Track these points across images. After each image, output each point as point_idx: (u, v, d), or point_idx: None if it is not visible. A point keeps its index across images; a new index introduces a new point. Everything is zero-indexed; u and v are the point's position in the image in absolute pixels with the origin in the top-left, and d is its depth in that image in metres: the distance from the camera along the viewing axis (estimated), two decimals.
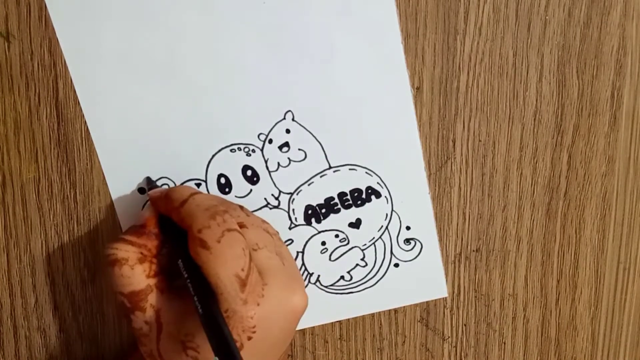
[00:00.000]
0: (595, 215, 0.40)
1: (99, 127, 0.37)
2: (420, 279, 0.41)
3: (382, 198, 0.39)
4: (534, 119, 0.38)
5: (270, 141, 0.38)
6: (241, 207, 0.35)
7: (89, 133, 0.37)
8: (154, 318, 0.32)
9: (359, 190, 0.39)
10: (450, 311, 0.41)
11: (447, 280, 0.40)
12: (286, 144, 0.38)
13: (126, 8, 0.36)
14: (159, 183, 0.38)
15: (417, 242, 0.40)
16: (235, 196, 0.38)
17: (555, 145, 0.39)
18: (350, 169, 0.39)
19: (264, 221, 0.36)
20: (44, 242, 0.38)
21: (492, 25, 0.37)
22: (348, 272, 0.40)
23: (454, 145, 0.38)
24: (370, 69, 0.37)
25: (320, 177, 0.39)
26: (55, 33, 0.36)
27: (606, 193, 0.40)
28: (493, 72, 0.37)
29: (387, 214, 0.40)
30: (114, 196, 0.38)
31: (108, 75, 0.36)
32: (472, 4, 0.36)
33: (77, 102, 0.37)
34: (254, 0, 0.36)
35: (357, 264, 0.40)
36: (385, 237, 0.40)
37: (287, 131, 0.38)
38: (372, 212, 0.40)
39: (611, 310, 0.42)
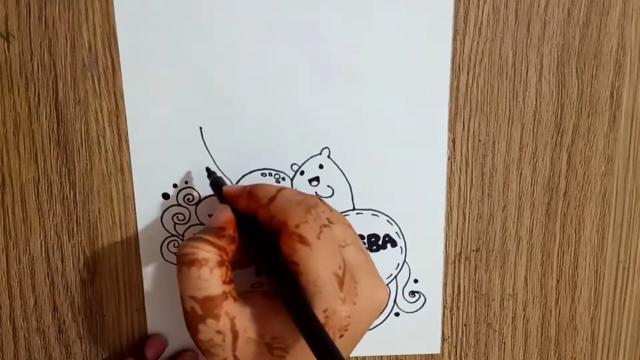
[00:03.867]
0: (595, 215, 0.40)
1: (137, 129, 0.37)
2: (417, 331, 0.41)
3: (397, 248, 0.40)
4: (534, 119, 0.38)
5: (302, 173, 0.38)
6: (322, 201, 0.34)
7: (89, 133, 0.37)
8: (228, 326, 0.30)
9: (376, 236, 0.39)
10: (450, 311, 0.41)
11: (447, 280, 0.40)
12: (316, 179, 0.38)
13: (187, 19, 0.36)
14: (183, 192, 0.38)
15: (422, 295, 0.40)
16: None
17: (555, 145, 0.39)
18: (372, 214, 0.39)
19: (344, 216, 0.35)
20: (43, 242, 0.38)
21: (491, 25, 0.37)
22: None
23: (454, 145, 0.38)
24: (412, 124, 0.38)
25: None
26: (55, 33, 0.36)
27: (605, 193, 0.40)
28: (493, 72, 0.37)
29: (398, 264, 0.40)
30: (137, 199, 0.38)
31: (156, 79, 0.36)
32: (472, 4, 0.36)
33: (77, 102, 0.37)
34: (315, 33, 0.36)
35: None
36: (392, 285, 0.40)
37: (320, 166, 0.38)
38: (385, 259, 0.40)
39: (611, 310, 0.42)
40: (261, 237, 0.31)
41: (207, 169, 0.37)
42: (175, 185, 0.38)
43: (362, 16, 0.36)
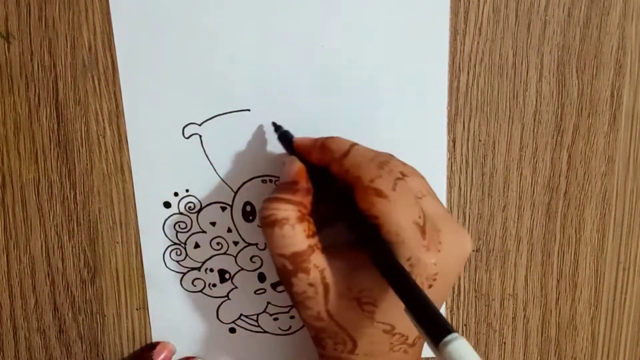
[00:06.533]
0: (595, 215, 0.40)
1: (136, 135, 0.37)
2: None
3: None
4: (534, 119, 0.38)
5: None
6: (393, 157, 0.34)
7: (89, 133, 0.37)
8: (319, 279, 0.31)
9: None
10: (450, 311, 0.41)
11: None
12: None
13: (186, 24, 0.36)
14: (184, 201, 0.38)
15: None
16: (258, 225, 0.38)
17: (555, 145, 0.39)
18: None
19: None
20: (43, 242, 0.38)
21: (492, 25, 0.37)
22: None
23: (454, 145, 0.38)
24: (412, 126, 0.38)
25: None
26: (56, 33, 0.36)
27: (606, 193, 0.40)
28: (493, 72, 0.37)
29: None
30: (137, 200, 0.38)
31: (155, 85, 0.36)
32: (472, 4, 0.36)
33: (77, 102, 0.37)
34: (314, 37, 0.36)
35: None
36: None
37: None
38: None
39: (611, 310, 0.42)
40: (337, 190, 0.31)
41: (273, 124, 0.36)
42: (176, 194, 0.38)
43: (360, 20, 0.36)
